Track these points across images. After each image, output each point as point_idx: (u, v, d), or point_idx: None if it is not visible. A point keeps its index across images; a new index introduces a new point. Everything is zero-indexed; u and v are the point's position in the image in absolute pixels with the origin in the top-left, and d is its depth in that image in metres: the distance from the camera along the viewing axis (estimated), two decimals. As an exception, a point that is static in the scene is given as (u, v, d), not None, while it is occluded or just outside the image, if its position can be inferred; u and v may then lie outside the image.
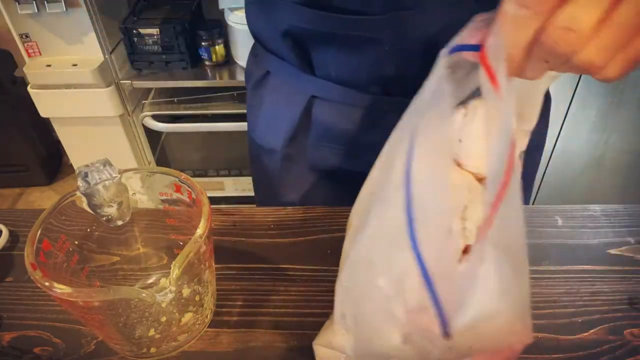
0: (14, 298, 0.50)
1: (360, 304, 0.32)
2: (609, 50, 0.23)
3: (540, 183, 1.48)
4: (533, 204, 1.46)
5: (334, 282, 0.37)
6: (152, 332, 0.43)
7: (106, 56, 1.26)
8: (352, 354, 0.35)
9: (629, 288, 0.49)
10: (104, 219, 0.44)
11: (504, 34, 0.24)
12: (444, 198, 0.26)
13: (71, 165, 1.72)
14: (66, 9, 1.15)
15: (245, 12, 0.63)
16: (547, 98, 0.64)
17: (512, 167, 0.24)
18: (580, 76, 1.23)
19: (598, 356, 0.43)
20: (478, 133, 0.29)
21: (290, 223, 0.57)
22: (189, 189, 0.43)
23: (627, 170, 1.47)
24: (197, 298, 0.44)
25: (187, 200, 0.44)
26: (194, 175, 1.61)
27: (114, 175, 0.42)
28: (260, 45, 0.64)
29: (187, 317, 0.44)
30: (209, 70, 1.35)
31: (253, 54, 0.68)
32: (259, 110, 0.66)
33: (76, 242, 0.44)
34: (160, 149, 1.58)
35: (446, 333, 0.24)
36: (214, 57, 1.33)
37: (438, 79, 0.27)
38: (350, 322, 0.34)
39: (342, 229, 0.39)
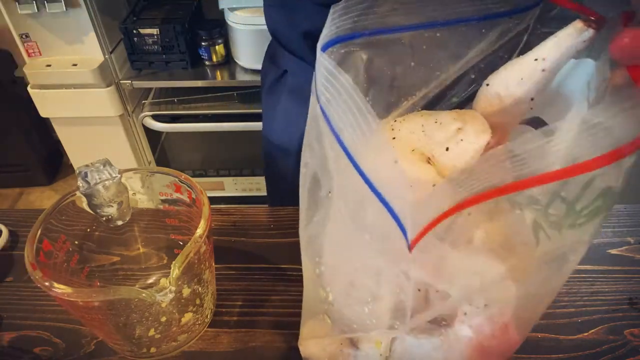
0: (14, 298, 0.50)
1: (344, 273, 0.32)
2: None
3: (540, 183, 1.47)
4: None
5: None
6: (152, 332, 0.43)
7: (106, 56, 1.26)
8: (338, 329, 0.35)
9: (629, 288, 0.49)
10: (104, 219, 0.44)
11: None
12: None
13: (71, 165, 1.72)
14: (66, 9, 1.15)
15: (265, 13, 0.63)
16: None
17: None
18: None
19: (598, 356, 0.43)
20: (468, 155, 0.29)
21: (290, 223, 0.57)
22: (189, 189, 0.43)
23: (627, 170, 1.46)
24: (197, 298, 0.44)
25: (187, 200, 0.44)
26: (194, 175, 1.61)
27: (114, 175, 0.42)
28: (279, 44, 0.64)
29: (187, 317, 0.44)
30: (209, 70, 1.35)
31: (269, 53, 0.69)
32: (274, 110, 0.66)
33: (76, 242, 0.44)
34: (160, 149, 1.58)
35: (408, 246, 0.24)
36: (214, 57, 1.33)
37: (331, 75, 0.24)
38: (332, 298, 0.34)
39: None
